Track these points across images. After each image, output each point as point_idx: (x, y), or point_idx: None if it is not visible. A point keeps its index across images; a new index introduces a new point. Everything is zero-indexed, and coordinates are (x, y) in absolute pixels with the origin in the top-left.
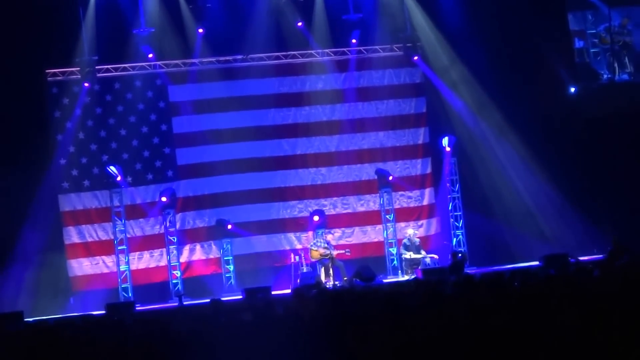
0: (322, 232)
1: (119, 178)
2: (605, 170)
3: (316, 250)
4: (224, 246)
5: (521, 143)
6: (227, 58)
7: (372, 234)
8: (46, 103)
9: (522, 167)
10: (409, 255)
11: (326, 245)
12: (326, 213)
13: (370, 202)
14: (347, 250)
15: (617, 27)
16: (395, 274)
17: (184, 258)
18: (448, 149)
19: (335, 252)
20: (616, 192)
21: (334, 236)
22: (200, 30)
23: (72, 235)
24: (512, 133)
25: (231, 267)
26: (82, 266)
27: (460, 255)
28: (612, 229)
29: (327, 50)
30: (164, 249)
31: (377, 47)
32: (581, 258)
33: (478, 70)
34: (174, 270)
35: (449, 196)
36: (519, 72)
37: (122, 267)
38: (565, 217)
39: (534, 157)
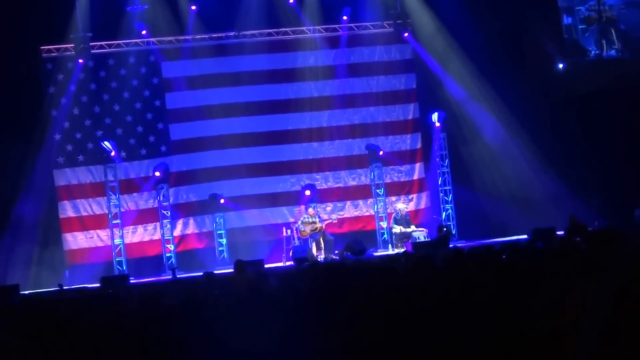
0: (305, 208)
1: (113, 153)
2: (592, 144)
3: (303, 229)
4: (217, 220)
5: (509, 118)
6: (220, 35)
7: (364, 207)
8: (41, 79)
9: (511, 141)
10: (399, 229)
11: (314, 219)
12: (318, 187)
13: (361, 177)
14: (333, 217)
15: (594, 5)
16: (386, 248)
17: (177, 232)
18: (438, 124)
19: (323, 224)
20: (603, 166)
21: (324, 210)
22: (193, 7)
23: (67, 210)
24: (501, 108)
25: (224, 241)
26: (77, 240)
27: (445, 229)
28: (599, 202)
29: (318, 27)
30: (158, 223)
31: (367, 23)
32: None
33: (467, 45)
34: (168, 243)
35: (439, 171)
36: (507, 48)
37: (117, 241)
38: (553, 191)
39: (522, 132)
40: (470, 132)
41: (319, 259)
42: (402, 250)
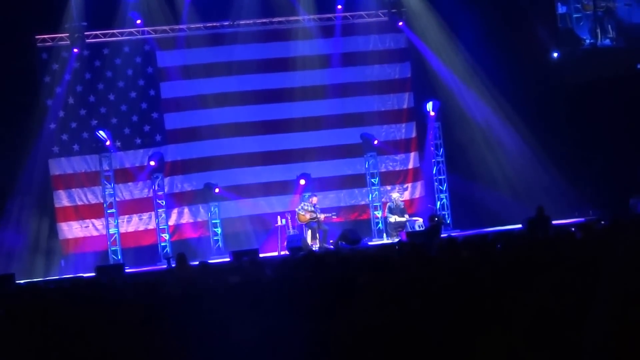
0: (309, 196)
1: (108, 142)
2: (586, 134)
3: (303, 214)
4: (212, 209)
5: (504, 107)
6: (215, 24)
7: (359, 197)
8: (36, 69)
9: (505, 131)
10: (393, 218)
11: (313, 208)
12: (313, 176)
13: (357, 166)
14: (333, 213)
15: None
16: (380, 237)
17: (172, 221)
18: (432, 113)
19: (322, 216)
20: (598, 155)
21: (318, 199)
22: None
23: (62, 199)
24: (496, 97)
25: (219, 230)
26: (72, 229)
27: (436, 219)
28: (593, 192)
29: (313, 16)
30: (153, 212)
31: (362, 12)
32: (563, 221)
33: (462, 34)
34: (163, 233)
35: (433, 160)
36: (502, 36)
37: (112, 230)
38: (548, 181)
39: (517, 121)
40: (465, 121)
41: (313, 248)
42: (397, 239)
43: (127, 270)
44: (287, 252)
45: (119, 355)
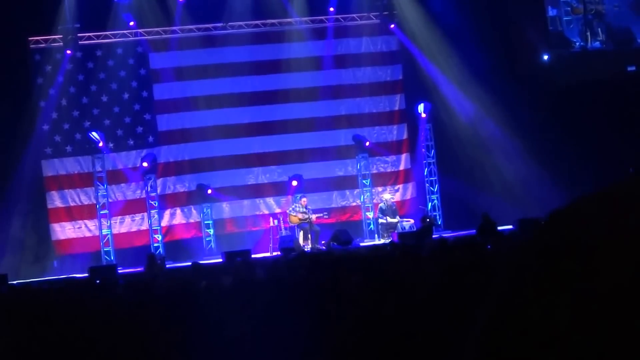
0: (300, 197)
1: (100, 144)
2: (577, 136)
3: (295, 216)
4: (204, 210)
5: (495, 109)
6: (207, 26)
7: (350, 198)
8: (29, 70)
9: (496, 132)
10: (385, 219)
11: (304, 209)
12: (305, 178)
13: (348, 167)
14: (325, 213)
15: None
16: (372, 238)
17: (165, 222)
18: (424, 115)
19: (314, 216)
20: (588, 157)
21: (311, 200)
22: None
23: (55, 200)
24: (486, 99)
25: (211, 231)
26: (65, 230)
27: (428, 219)
28: (584, 193)
29: (305, 19)
30: (146, 213)
31: (354, 15)
32: None
33: (453, 37)
34: (155, 234)
35: (425, 161)
36: (493, 39)
37: (105, 231)
38: (539, 182)
39: (508, 123)
40: (456, 123)
41: (305, 249)
42: (388, 240)
43: (120, 271)
44: (279, 253)
45: (113, 356)
